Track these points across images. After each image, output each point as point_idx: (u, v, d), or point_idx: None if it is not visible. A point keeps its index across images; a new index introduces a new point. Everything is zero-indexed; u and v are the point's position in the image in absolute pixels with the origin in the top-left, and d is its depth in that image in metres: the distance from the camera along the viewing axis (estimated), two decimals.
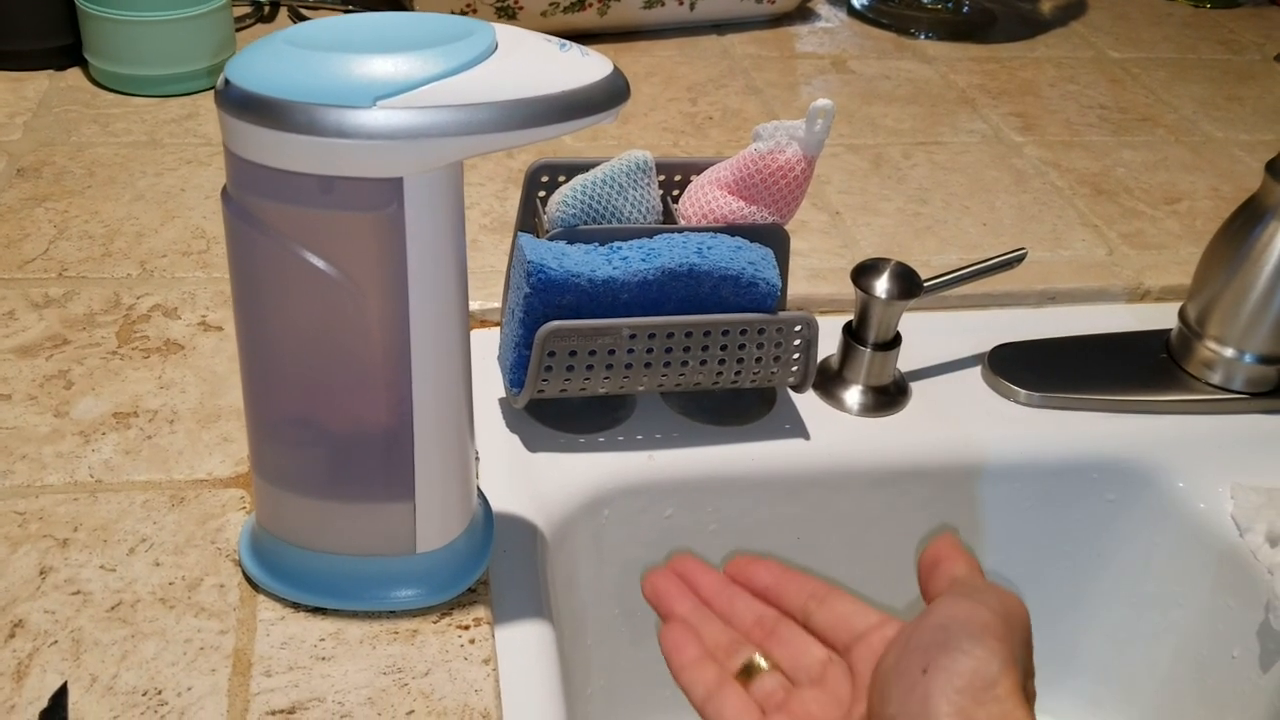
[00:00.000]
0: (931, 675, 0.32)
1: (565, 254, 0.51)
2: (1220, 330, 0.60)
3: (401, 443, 0.41)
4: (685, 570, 0.43)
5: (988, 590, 0.35)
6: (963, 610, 0.34)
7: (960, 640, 0.33)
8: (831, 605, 0.40)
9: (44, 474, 0.49)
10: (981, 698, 0.32)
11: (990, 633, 0.33)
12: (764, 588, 0.42)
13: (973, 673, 0.32)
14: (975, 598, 0.34)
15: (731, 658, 0.40)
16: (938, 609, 0.35)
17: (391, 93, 0.34)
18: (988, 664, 0.32)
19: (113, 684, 0.41)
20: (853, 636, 0.39)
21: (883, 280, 0.56)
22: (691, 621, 0.41)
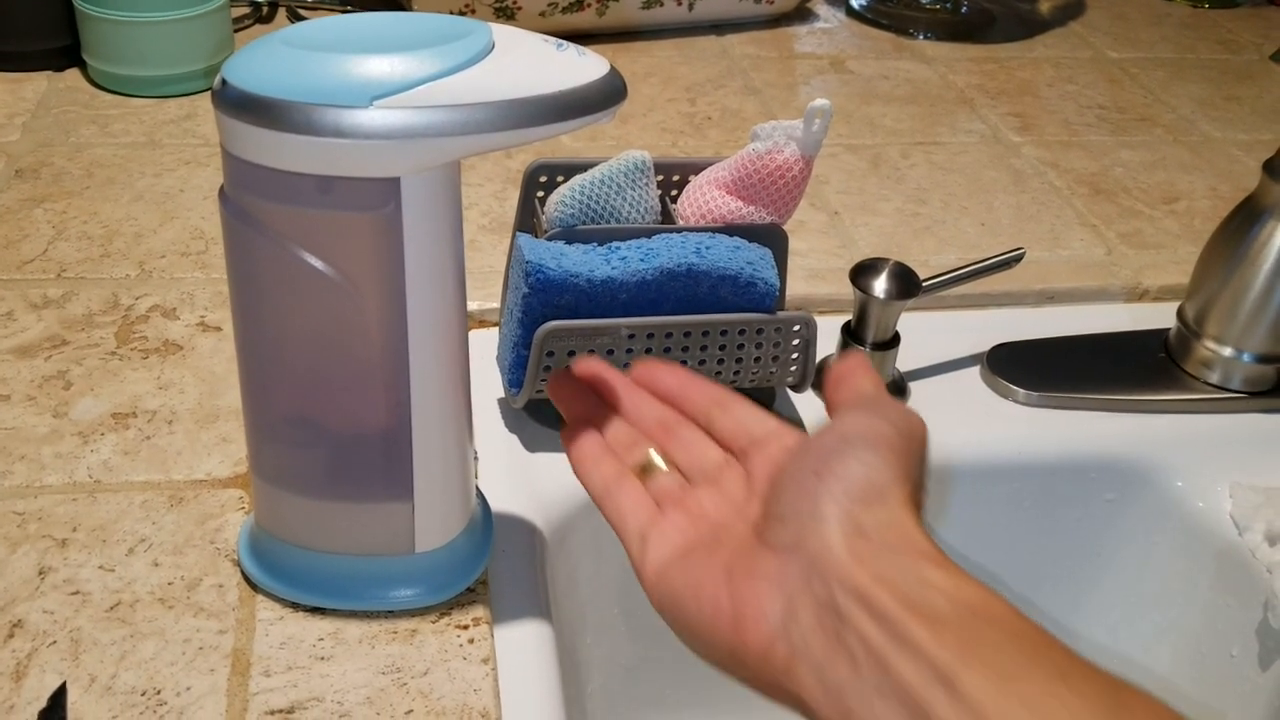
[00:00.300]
0: (823, 479, 0.33)
1: (564, 254, 0.51)
2: (1218, 329, 0.60)
3: (400, 442, 0.41)
4: (590, 372, 0.44)
5: (890, 406, 0.36)
6: (862, 422, 0.34)
7: (856, 449, 0.33)
8: (733, 411, 0.41)
9: (43, 474, 0.49)
10: (870, 503, 0.32)
11: (886, 444, 0.34)
12: (668, 392, 0.42)
13: (865, 480, 0.33)
14: (877, 412, 0.35)
15: (631, 454, 0.41)
16: (839, 421, 0.35)
17: (388, 92, 0.34)
18: (880, 473, 0.33)
19: (111, 684, 0.41)
20: (751, 441, 0.39)
21: (881, 280, 0.56)
22: (594, 421, 0.42)
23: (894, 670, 0.29)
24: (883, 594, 0.30)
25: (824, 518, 0.32)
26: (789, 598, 0.32)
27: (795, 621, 0.32)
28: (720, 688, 0.61)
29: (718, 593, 0.34)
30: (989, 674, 0.28)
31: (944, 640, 0.29)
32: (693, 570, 0.35)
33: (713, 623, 0.33)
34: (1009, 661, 0.28)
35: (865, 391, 0.37)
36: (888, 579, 0.31)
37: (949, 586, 0.30)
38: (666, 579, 0.36)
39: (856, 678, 0.30)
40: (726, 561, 0.34)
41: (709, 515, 0.38)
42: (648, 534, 0.37)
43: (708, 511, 0.38)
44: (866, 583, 0.31)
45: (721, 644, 0.33)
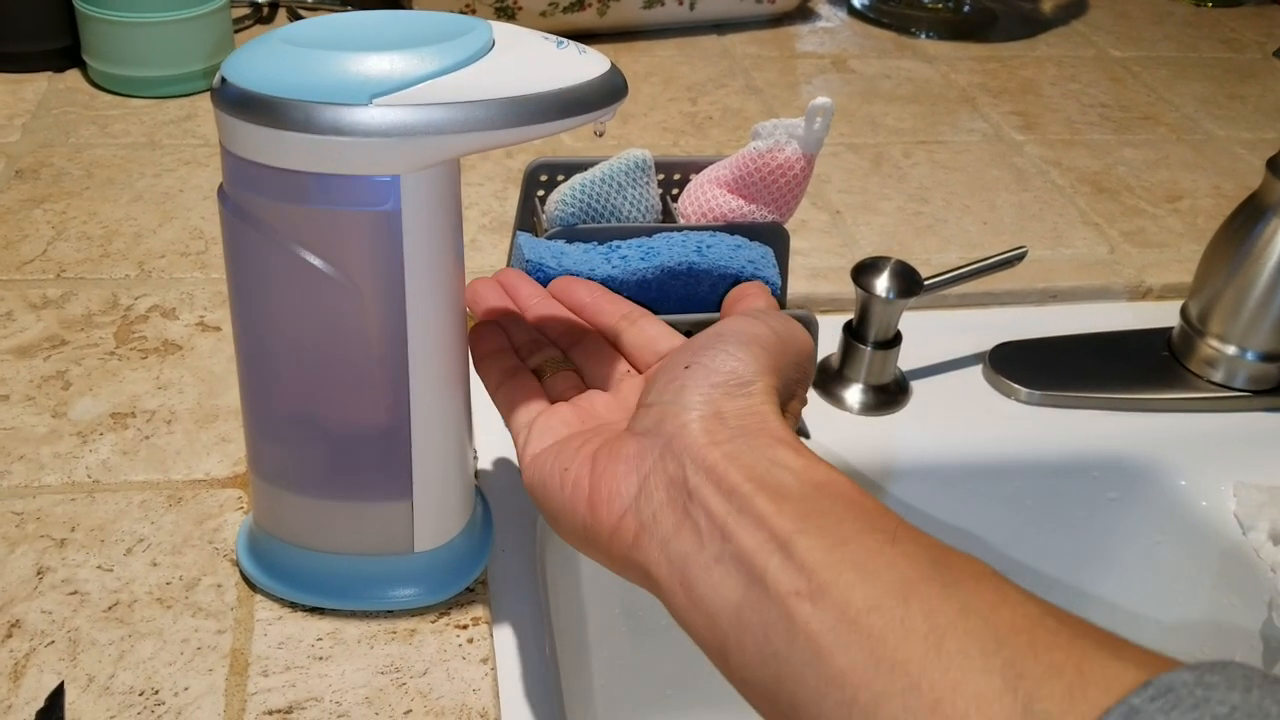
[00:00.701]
0: (692, 370, 0.34)
1: (564, 253, 0.51)
2: (1222, 328, 0.60)
3: (399, 441, 0.41)
4: (508, 280, 0.45)
5: (775, 315, 0.37)
6: (740, 323, 0.36)
7: (728, 344, 0.35)
8: (642, 326, 0.42)
9: (41, 474, 0.49)
10: (732, 392, 0.34)
11: (759, 343, 0.35)
12: (580, 305, 0.43)
13: (730, 371, 0.34)
14: (759, 317, 0.36)
15: (533, 356, 0.42)
16: (724, 322, 0.37)
17: (388, 90, 0.34)
18: (746, 365, 0.34)
19: (109, 684, 0.41)
20: (656, 356, 0.40)
21: (883, 279, 0.56)
22: (501, 321, 0.43)
23: (734, 538, 0.30)
24: (732, 470, 0.31)
25: (686, 404, 0.34)
26: (643, 476, 0.33)
27: (647, 498, 0.33)
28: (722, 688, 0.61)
29: (580, 474, 0.35)
30: (823, 539, 0.29)
31: (784, 511, 0.30)
32: (563, 456, 0.36)
33: (572, 503, 0.35)
34: (843, 528, 0.29)
35: (756, 306, 0.39)
36: (738, 458, 0.32)
37: (798, 466, 0.32)
38: (539, 463, 0.37)
39: (699, 547, 0.31)
40: (595, 449, 0.36)
41: (598, 413, 0.39)
42: (533, 424, 0.39)
43: (599, 411, 0.39)
44: (717, 459, 0.32)
45: (578, 522, 0.35)
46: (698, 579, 0.31)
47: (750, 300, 0.40)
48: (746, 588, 0.30)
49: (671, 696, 0.60)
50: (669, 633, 0.59)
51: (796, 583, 0.29)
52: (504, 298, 0.44)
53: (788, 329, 0.36)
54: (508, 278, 0.45)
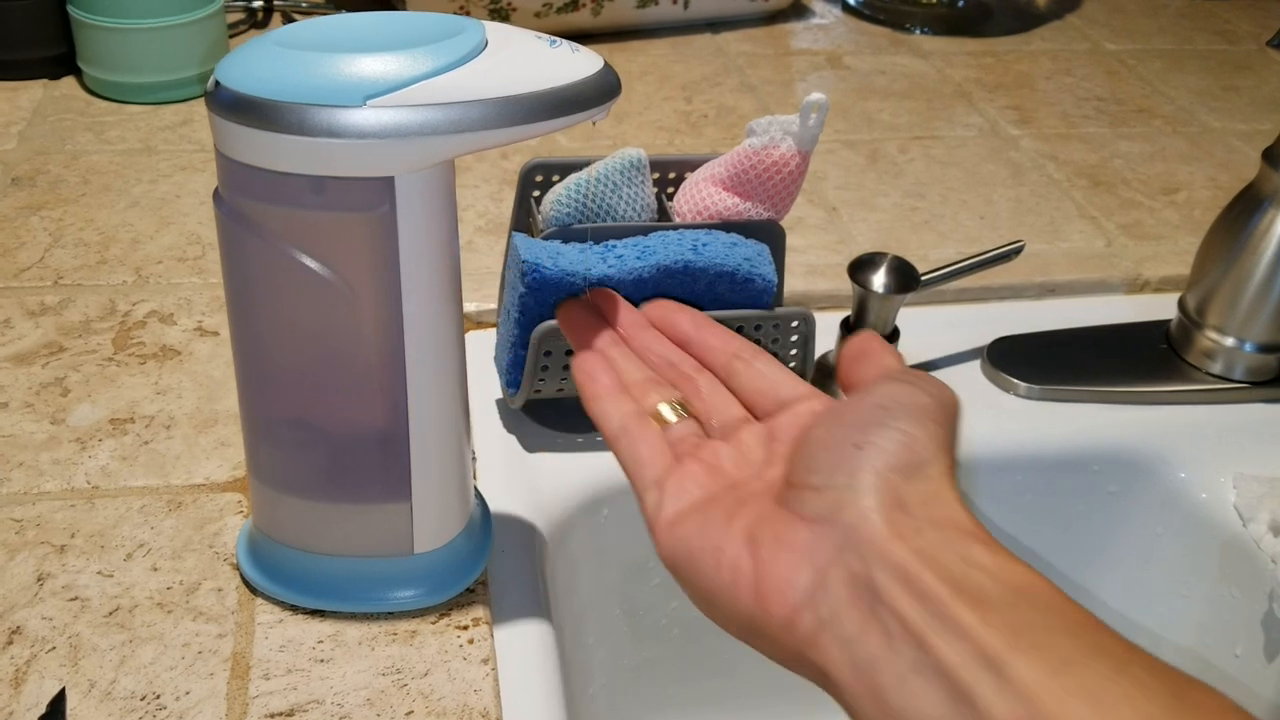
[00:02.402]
0: (865, 451, 0.31)
1: (560, 253, 0.51)
2: (1220, 319, 0.60)
3: (397, 443, 0.41)
4: (603, 304, 0.41)
5: (924, 378, 0.34)
6: (903, 392, 0.33)
7: (896, 418, 0.32)
8: (757, 368, 0.39)
9: (41, 481, 0.49)
10: (910, 476, 0.31)
11: (927, 415, 0.32)
12: (685, 337, 0.41)
13: (905, 451, 0.31)
14: (913, 383, 0.34)
15: (646, 397, 0.39)
16: (876, 390, 0.34)
17: (381, 91, 0.34)
18: (921, 444, 0.32)
19: (111, 689, 0.41)
20: (777, 404, 0.38)
21: (879, 274, 0.56)
22: (608, 355, 0.40)
23: (933, 649, 0.27)
24: (924, 571, 0.29)
25: (862, 489, 0.31)
26: (820, 569, 0.30)
27: (825, 593, 0.30)
28: (723, 688, 0.61)
29: (739, 557, 0.32)
30: (1042, 661, 0.26)
31: (991, 622, 0.27)
32: (711, 530, 0.34)
33: (732, 589, 0.32)
34: (1063, 648, 0.27)
35: (891, 366, 0.36)
36: (929, 555, 0.29)
37: (994, 566, 0.29)
38: (681, 535, 0.34)
39: (891, 653, 0.28)
40: (749, 527, 0.33)
41: (727, 472, 0.36)
42: (664, 483, 0.36)
43: (726, 468, 0.36)
44: (906, 558, 0.29)
45: (740, 611, 0.32)
46: (890, 688, 0.28)
47: (878, 357, 0.36)
48: (951, 706, 0.27)
49: (674, 695, 0.60)
50: (670, 632, 0.59)
51: (1014, 709, 0.26)
52: (603, 323, 0.41)
53: (942, 392, 0.34)
54: (601, 299, 0.41)
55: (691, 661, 0.60)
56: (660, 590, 0.57)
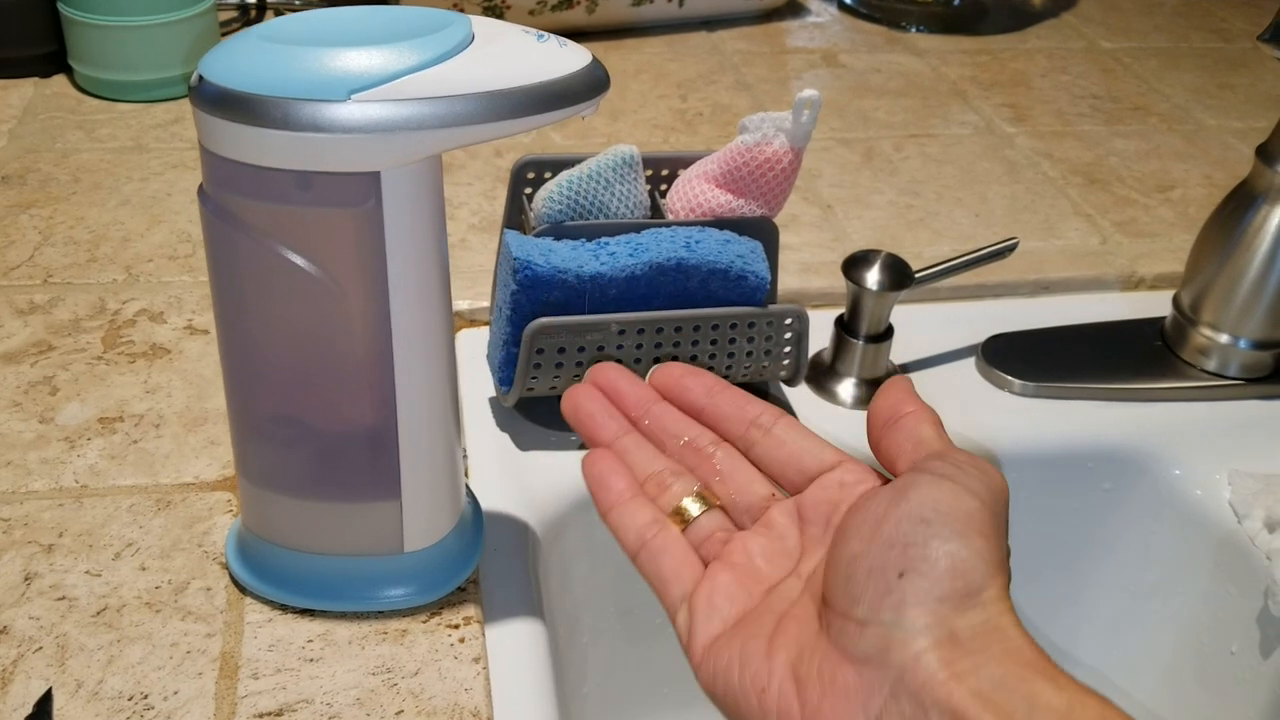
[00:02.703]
0: (909, 580, 0.29)
1: (552, 250, 0.51)
2: (1214, 316, 0.59)
3: (386, 441, 0.40)
4: (608, 383, 0.38)
5: (967, 467, 0.31)
6: (946, 499, 0.30)
7: (944, 539, 0.29)
8: (776, 436, 0.36)
9: (29, 480, 0.49)
10: (962, 605, 0.28)
11: (976, 528, 0.29)
12: (697, 407, 0.38)
13: (956, 578, 0.28)
14: (957, 480, 0.30)
15: (664, 493, 0.36)
16: (915, 494, 0.30)
17: (366, 85, 0.34)
18: (972, 566, 0.29)
19: (98, 689, 0.40)
20: (802, 476, 0.35)
21: (873, 272, 0.56)
22: (619, 448, 0.37)
23: None
24: (985, 715, 0.26)
25: (911, 627, 0.28)
26: (873, 716, 0.28)
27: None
28: None
29: (785, 699, 0.30)
30: None
31: None
32: (752, 663, 0.31)
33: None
34: None
35: (926, 440, 0.32)
36: (989, 697, 0.27)
37: (1062, 705, 0.27)
38: (720, 667, 0.32)
39: None
40: (792, 661, 0.30)
41: (760, 571, 0.34)
42: (694, 603, 0.33)
43: (758, 566, 0.34)
44: (965, 702, 0.27)
45: None
46: None
47: (913, 424, 0.33)
48: None
49: (667, 695, 0.60)
50: (664, 630, 0.59)
51: None
52: (611, 410, 0.38)
53: (989, 486, 0.30)
54: (605, 379, 0.39)
55: (685, 661, 0.59)
56: None
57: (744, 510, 0.36)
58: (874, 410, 0.34)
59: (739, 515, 0.36)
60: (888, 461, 0.33)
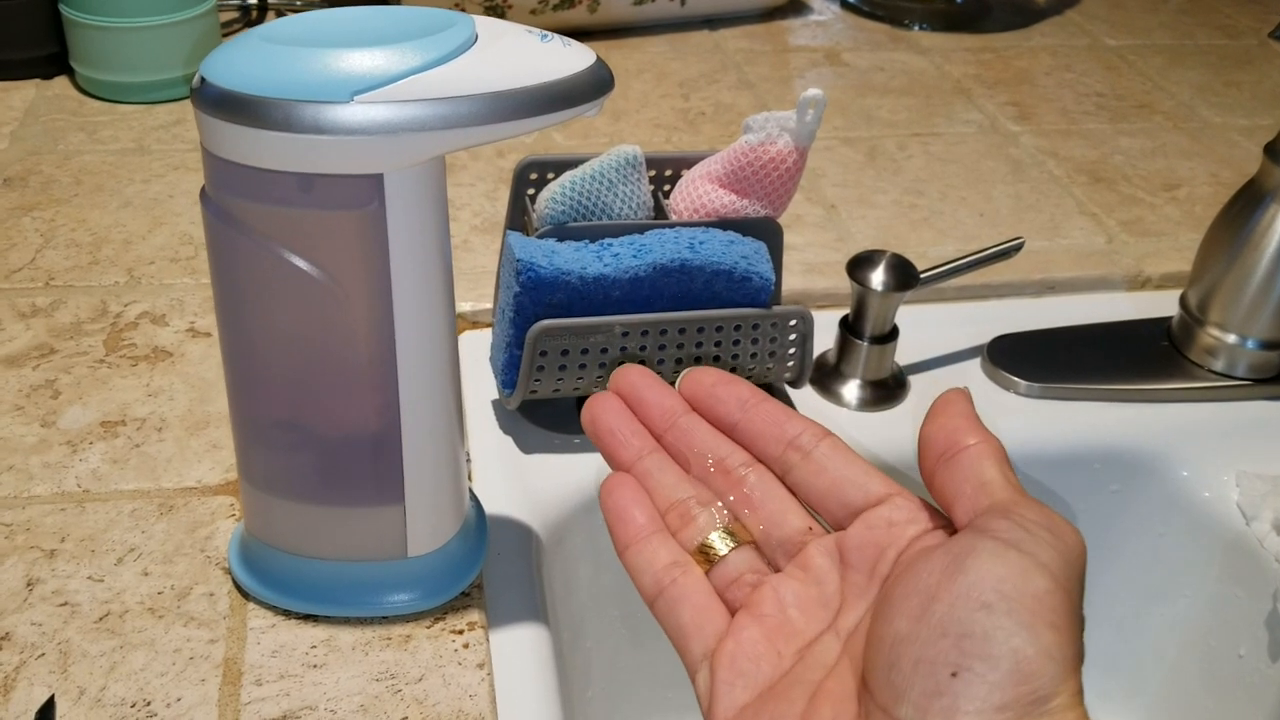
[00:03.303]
0: (964, 681, 0.24)
1: (555, 252, 0.50)
2: (1222, 316, 0.59)
3: (390, 445, 0.40)
4: (631, 390, 0.34)
5: (1038, 529, 0.26)
6: (1011, 577, 0.25)
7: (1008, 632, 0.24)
8: (818, 462, 0.31)
9: (31, 485, 0.49)
10: (1028, 714, 0.24)
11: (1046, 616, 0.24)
12: (729, 422, 0.33)
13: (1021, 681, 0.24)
14: (1025, 549, 0.25)
15: (688, 526, 0.32)
16: (975, 568, 0.25)
17: (369, 87, 0.34)
18: (1042, 670, 0.24)
19: (101, 696, 0.40)
20: (846, 511, 0.31)
21: (878, 272, 0.56)
22: (640, 470, 0.33)
23: None
24: None
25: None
26: None
27: None
28: None
29: None
30: None
31: None
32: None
33: None
34: None
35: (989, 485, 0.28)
36: None
37: None
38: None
39: None
40: None
41: (793, 625, 0.30)
42: (717, 664, 0.30)
43: (791, 618, 0.30)
44: None
45: None
46: None
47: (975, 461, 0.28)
48: None
49: (671, 699, 0.60)
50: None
51: None
52: (635, 425, 0.34)
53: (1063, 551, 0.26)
54: (628, 384, 0.34)
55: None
56: None
57: (777, 545, 0.32)
58: (928, 438, 0.30)
59: (771, 551, 0.32)
60: (944, 502, 0.29)
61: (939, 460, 0.29)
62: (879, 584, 0.29)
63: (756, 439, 0.33)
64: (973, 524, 0.27)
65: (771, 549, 0.32)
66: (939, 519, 0.30)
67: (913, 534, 0.30)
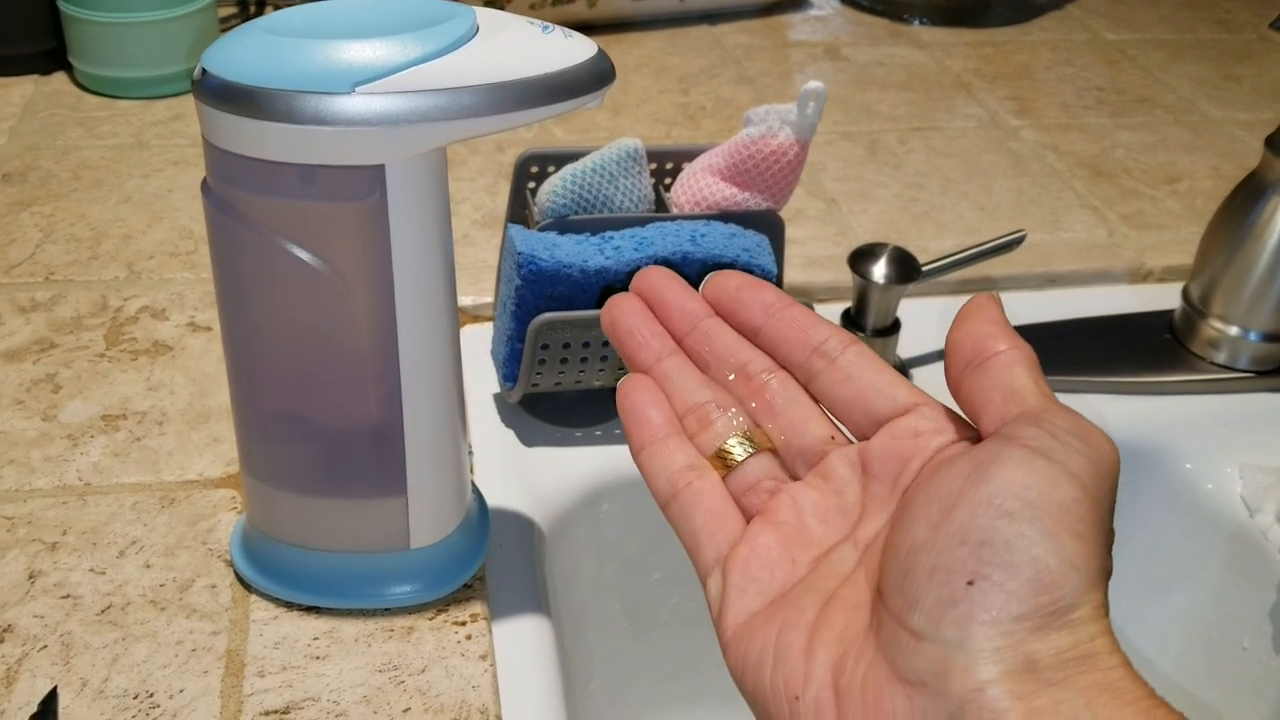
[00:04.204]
0: (980, 590, 0.23)
1: (556, 244, 0.50)
2: (1224, 309, 0.59)
3: (392, 437, 0.40)
4: (652, 291, 0.33)
5: (1068, 436, 0.25)
6: (1037, 484, 0.24)
7: (1030, 541, 0.23)
8: (843, 369, 0.30)
9: (32, 478, 0.48)
10: (1045, 624, 0.23)
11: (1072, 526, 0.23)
12: (753, 327, 0.32)
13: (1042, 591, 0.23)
14: (1054, 457, 0.24)
15: (706, 429, 0.31)
16: (998, 475, 0.24)
17: (371, 78, 0.34)
18: (1065, 579, 0.23)
19: (103, 688, 0.40)
20: (870, 419, 0.29)
21: (880, 265, 0.56)
22: (659, 372, 0.32)
23: None
24: None
25: (977, 649, 0.23)
26: None
27: None
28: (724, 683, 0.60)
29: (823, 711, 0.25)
30: None
31: None
32: (787, 656, 0.26)
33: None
34: None
35: (1020, 391, 0.26)
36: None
37: None
38: (750, 651, 0.27)
39: None
40: (834, 662, 0.26)
41: (810, 533, 0.29)
42: (729, 569, 0.29)
43: (808, 526, 0.29)
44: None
45: None
46: None
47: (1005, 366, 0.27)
48: None
49: (674, 691, 0.60)
50: (670, 628, 0.59)
51: None
52: (655, 326, 0.33)
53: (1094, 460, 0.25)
54: (649, 286, 0.33)
55: (692, 657, 0.59)
56: (660, 585, 0.57)
57: (798, 453, 0.30)
58: (956, 343, 0.28)
59: (792, 459, 0.31)
60: (971, 411, 0.28)
61: (967, 367, 0.28)
62: (900, 494, 0.28)
63: (780, 344, 0.32)
64: (1000, 431, 0.26)
65: (791, 457, 0.31)
66: (966, 429, 0.29)
67: (938, 444, 0.28)
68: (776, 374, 0.32)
